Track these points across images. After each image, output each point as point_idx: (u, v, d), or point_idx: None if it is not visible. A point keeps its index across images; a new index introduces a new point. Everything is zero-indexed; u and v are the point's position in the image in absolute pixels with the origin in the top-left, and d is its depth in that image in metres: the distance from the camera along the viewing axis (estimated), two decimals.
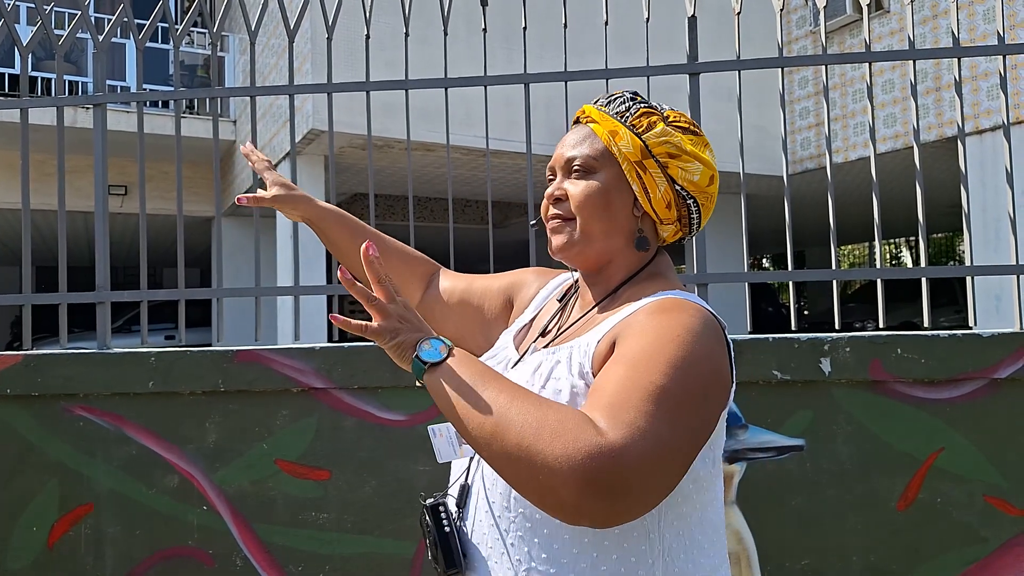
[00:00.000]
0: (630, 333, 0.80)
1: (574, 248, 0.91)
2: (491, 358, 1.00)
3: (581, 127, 0.94)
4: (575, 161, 0.91)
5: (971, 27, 6.82)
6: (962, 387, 1.84)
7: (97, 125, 2.28)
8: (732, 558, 1.85)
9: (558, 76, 2.20)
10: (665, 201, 0.90)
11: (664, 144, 0.89)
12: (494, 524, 0.85)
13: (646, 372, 0.73)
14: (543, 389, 0.83)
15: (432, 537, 0.88)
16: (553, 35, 7.05)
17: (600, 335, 0.84)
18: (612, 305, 0.90)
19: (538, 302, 1.05)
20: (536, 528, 0.82)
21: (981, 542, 1.82)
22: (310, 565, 1.94)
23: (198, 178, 9.51)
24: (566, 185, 0.92)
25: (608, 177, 0.90)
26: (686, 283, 2.11)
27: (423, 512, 0.90)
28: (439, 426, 0.93)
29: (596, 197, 0.89)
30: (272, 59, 7.67)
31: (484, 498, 0.87)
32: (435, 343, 0.78)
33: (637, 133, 0.90)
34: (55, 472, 2.01)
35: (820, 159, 8.13)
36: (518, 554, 0.83)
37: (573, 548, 0.81)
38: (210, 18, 2.39)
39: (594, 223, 0.90)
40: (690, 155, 0.90)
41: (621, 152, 0.89)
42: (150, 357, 1.99)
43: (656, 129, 0.90)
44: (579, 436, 0.66)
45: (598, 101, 0.95)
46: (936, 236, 18.80)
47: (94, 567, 1.98)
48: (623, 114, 0.91)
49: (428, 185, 8.81)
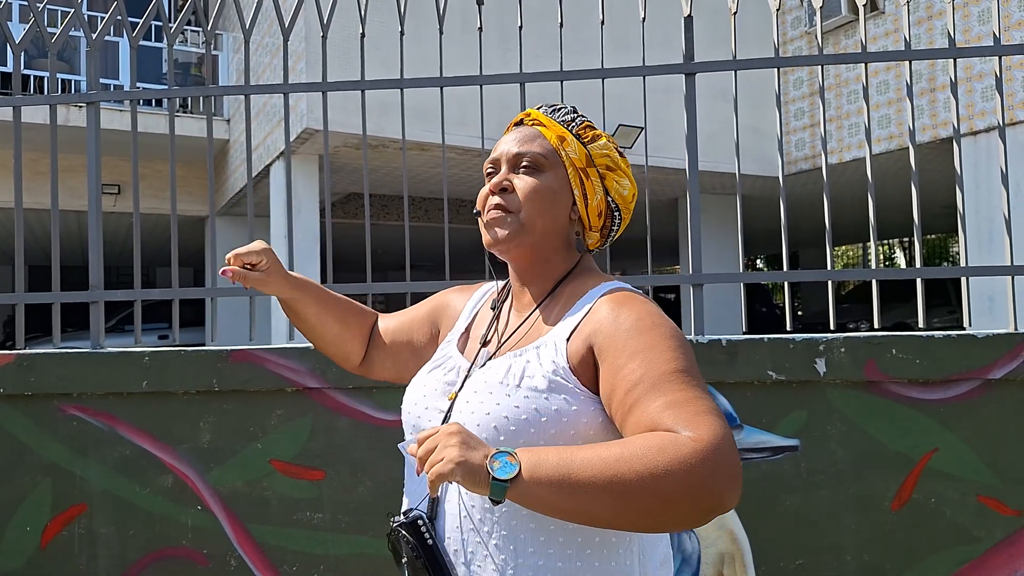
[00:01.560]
0: (609, 334, 0.85)
1: (515, 239, 0.93)
2: (438, 367, 1.01)
3: (528, 128, 0.98)
4: (525, 157, 0.94)
5: (966, 28, 6.85)
6: (956, 387, 1.84)
7: (90, 124, 2.27)
8: (727, 558, 1.85)
9: (554, 76, 2.20)
10: (598, 210, 0.96)
11: (605, 156, 0.96)
12: (474, 529, 0.87)
13: (664, 366, 0.80)
14: (519, 388, 0.86)
15: (415, 553, 0.87)
16: (549, 35, 7.04)
17: (566, 333, 0.89)
18: (556, 302, 0.95)
19: (468, 313, 1.07)
20: (522, 524, 0.85)
21: (975, 542, 1.83)
22: (304, 565, 1.94)
23: (192, 177, 9.47)
24: (513, 178, 0.95)
25: (555, 178, 0.94)
26: (681, 284, 2.11)
27: (399, 532, 0.89)
28: (404, 444, 0.93)
29: (544, 194, 0.93)
30: (266, 58, 7.65)
31: (460, 505, 0.88)
32: (500, 457, 0.75)
33: (583, 142, 0.96)
34: (48, 472, 1.99)
35: (815, 160, 8.16)
36: (503, 553, 0.85)
37: (559, 537, 0.84)
38: (204, 16, 2.38)
39: (538, 218, 0.93)
40: (623, 171, 0.98)
41: (568, 157, 0.95)
42: (144, 357, 1.98)
43: (599, 142, 0.97)
44: (685, 457, 0.72)
45: (542, 108, 1.00)
46: (930, 237, 18.88)
47: (88, 568, 1.97)
48: (569, 123, 0.97)
49: (423, 185, 8.80)
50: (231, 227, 9.87)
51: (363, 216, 9.26)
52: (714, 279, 2.12)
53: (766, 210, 10.38)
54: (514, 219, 0.93)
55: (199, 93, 2.28)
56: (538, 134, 0.96)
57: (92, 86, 2.30)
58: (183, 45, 9.17)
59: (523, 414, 0.85)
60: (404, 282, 2.24)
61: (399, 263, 14.53)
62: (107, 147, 8.16)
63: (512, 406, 0.86)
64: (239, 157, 8.59)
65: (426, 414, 0.95)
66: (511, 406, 0.86)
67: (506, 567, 0.84)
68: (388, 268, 17.08)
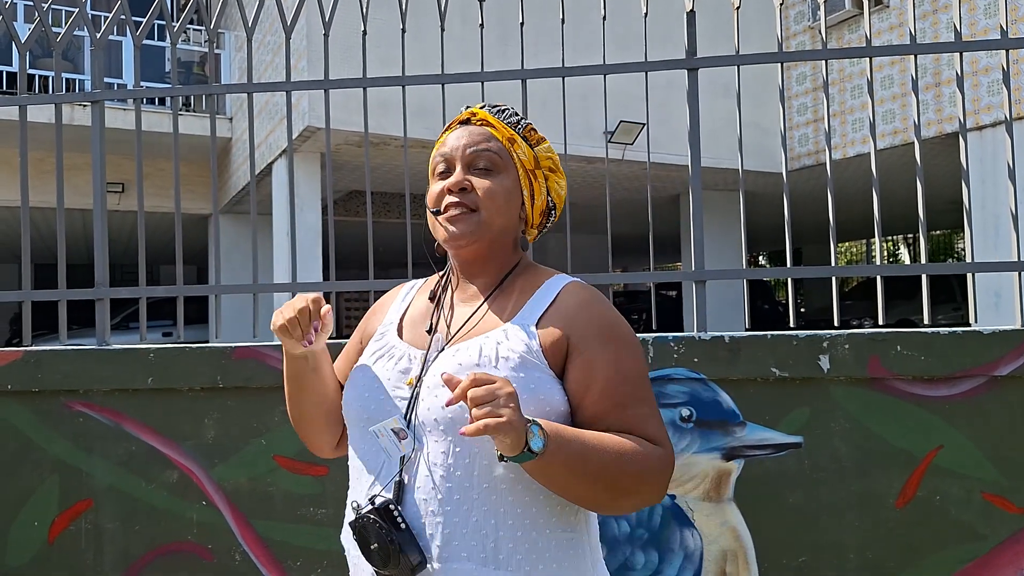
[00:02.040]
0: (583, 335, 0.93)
1: (475, 235, 0.97)
2: (383, 356, 1.00)
3: (477, 127, 1.01)
4: (482, 158, 0.98)
5: (972, 22, 6.82)
6: (961, 384, 1.84)
7: (95, 122, 2.27)
8: (730, 555, 1.85)
9: (555, 72, 2.19)
10: (540, 209, 1.03)
11: (549, 159, 1.03)
12: (452, 509, 0.89)
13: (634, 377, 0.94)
14: (496, 369, 0.91)
15: (389, 538, 0.88)
16: (550, 31, 7.03)
17: (533, 319, 0.95)
18: (508, 293, 0.99)
19: (397, 307, 1.08)
20: (502, 497, 0.89)
21: (980, 540, 1.82)
22: (308, 560, 1.94)
23: (195, 175, 9.49)
24: (471, 179, 0.98)
25: (508, 178, 0.99)
26: (684, 280, 2.11)
27: (368, 518, 0.89)
28: (377, 427, 0.94)
29: (503, 194, 0.98)
30: (268, 56, 7.65)
31: (431, 490, 0.89)
32: (534, 428, 0.83)
33: (530, 144, 1.01)
34: (55, 468, 2.00)
35: (818, 155, 8.13)
36: (483, 527, 0.88)
37: (533, 508, 0.90)
38: (206, 15, 2.39)
39: (497, 217, 0.98)
40: (561, 173, 1.05)
41: (519, 158, 1.00)
42: (149, 353, 1.99)
43: (543, 145, 1.03)
44: (661, 471, 0.90)
45: (484, 107, 1.03)
46: (935, 233, 18.82)
47: (94, 562, 1.98)
48: (515, 124, 1.01)
49: (424, 182, 8.80)
50: (234, 225, 9.89)
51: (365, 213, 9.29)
52: (716, 276, 2.12)
53: (769, 206, 10.36)
54: (476, 217, 0.96)
55: (202, 91, 2.29)
56: (490, 135, 0.99)
57: (96, 85, 2.30)
58: (186, 44, 9.18)
59: None
60: (405, 279, 2.24)
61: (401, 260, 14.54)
62: (111, 146, 8.18)
63: None
64: (242, 155, 8.60)
65: (382, 403, 0.95)
66: None
67: (486, 540, 0.88)
68: (390, 265, 17.10)
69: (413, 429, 0.93)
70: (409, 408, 0.94)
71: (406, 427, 0.93)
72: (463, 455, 0.89)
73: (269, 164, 7.55)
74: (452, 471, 0.89)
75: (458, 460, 0.89)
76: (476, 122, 1.01)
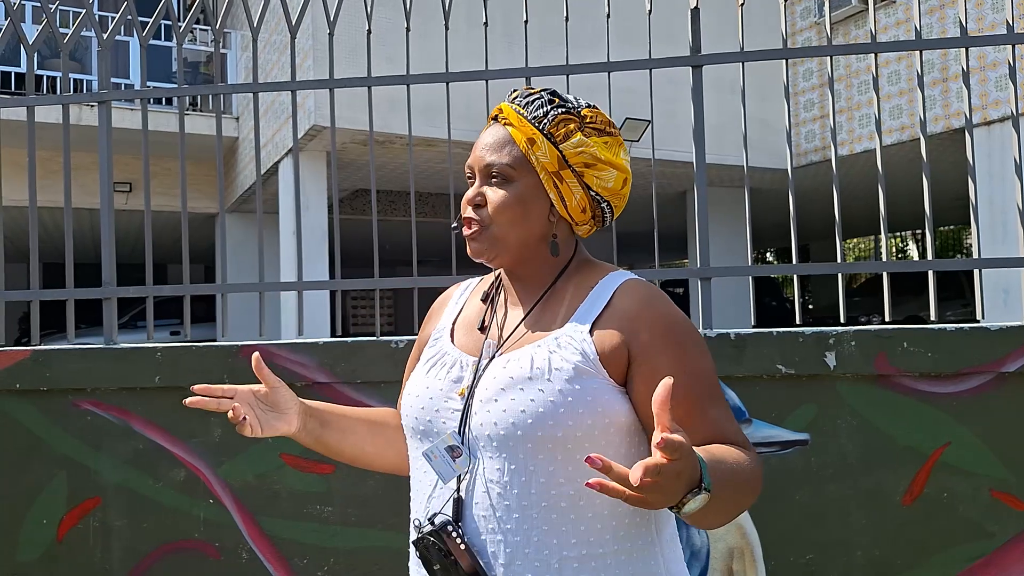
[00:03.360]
0: (648, 339, 0.87)
1: (491, 251, 0.93)
2: (436, 365, 0.97)
3: (499, 128, 0.94)
4: (493, 168, 0.92)
5: (979, 17, 6.77)
6: (969, 381, 1.83)
7: (102, 122, 2.28)
8: (736, 552, 1.85)
9: (560, 70, 2.19)
10: (581, 206, 0.93)
11: (580, 154, 0.91)
12: (512, 528, 0.85)
13: (706, 380, 0.88)
14: (550, 381, 0.86)
15: (449, 560, 0.85)
16: (554, 29, 7.02)
17: (587, 323, 0.89)
18: (560, 296, 0.94)
19: (452, 309, 1.04)
20: (563, 516, 0.85)
21: (988, 537, 1.81)
22: (315, 558, 1.95)
23: (201, 175, 9.52)
24: (486, 191, 0.93)
25: (525, 186, 0.92)
26: (690, 278, 2.11)
27: (428, 539, 0.87)
28: (429, 449, 0.91)
29: (514, 207, 0.91)
30: (274, 56, 7.67)
31: (489, 508, 0.86)
32: (697, 495, 0.73)
33: (555, 142, 0.91)
34: (63, 466, 2.02)
35: (825, 152, 8.09)
36: (546, 548, 0.84)
37: (597, 524, 0.85)
38: (212, 15, 2.39)
39: (510, 230, 0.92)
40: (605, 163, 0.92)
41: (539, 162, 0.91)
42: (156, 352, 2.00)
43: (573, 139, 0.91)
44: (758, 477, 0.85)
45: (515, 99, 0.95)
46: (943, 229, 18.70)
47: (102, 559, 2.00)
48: (541, 120, 0.92)
49: (429, 181, 8.81)
50: (241, 224, 9.93)
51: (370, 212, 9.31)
52: (722, 272, 2.11)
53: (775, 203, 10.31)
54: (487, 233, 0.92)
55: (208, 91, 2.29)
56: (508, 139, 0.92)
57: (104, 85, 2.31)
58: (192, 44, 9.21)
59: (560, 407, 0.84)
60: (411, 277, 2.25)
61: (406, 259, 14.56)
62: (118, 145, 8.18)
63: (547, 400, 0.84)
64: (248, 154, 8.63)
65: (438, 416, 0.92)
66: (546, 400, 0.84)
67: (551, 560, 0.84)
68: (395, 264, 17.12)
69: (468, 444, 0.89)
70: (462, 421, 0.90)
71: (460, 443, 0.89)
72: (519, 473, 0.85)
73: (275, 163, 7.57)
74: (509, 488, 0.85)
75: (514, 478, 0.85)
76: (501, 120, 0.94)
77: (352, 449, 1.05)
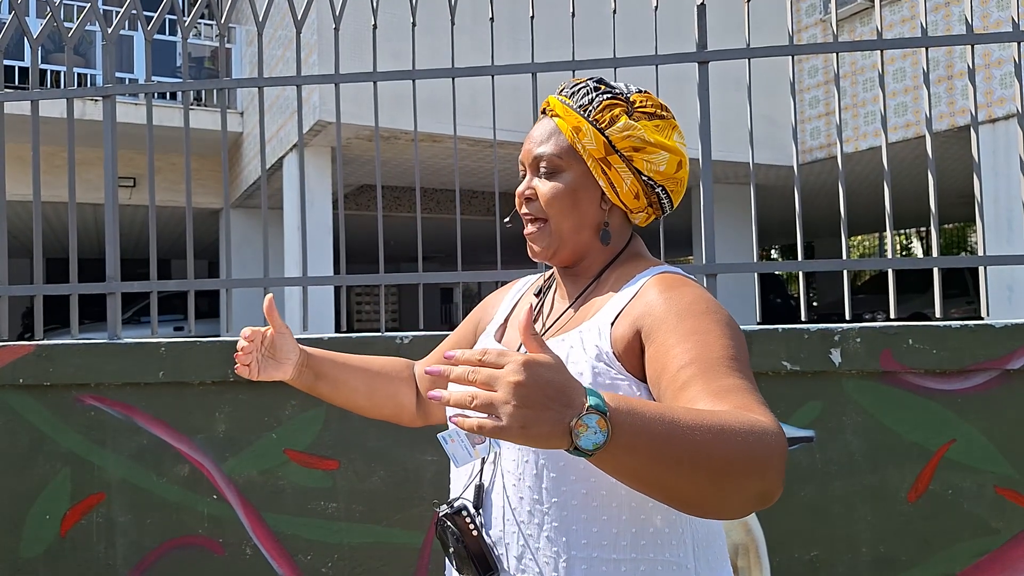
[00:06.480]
0: (659, 316, 0.81)
1: (549, 251, 0.93)
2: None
3: (547, 120, 0.94)
4: (542, 160, 0.92)
5: (984, 14, 6.73)
6: (973, 378, 1.82)
7: (107, 117, 2.28)
8: (741, 549, 1.85)
9: (566, 65, 2.18)
10: (633, 192, 0.91)
11: (628, 138, 0.89)
12: (523, 521, 0.84)
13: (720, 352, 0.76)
14: None
15: (460, 544, 0.86)
16: (560, 24, 7.00)
17: (610, 317, 0.85)
18: (601, 289, 0.92)
19: (507, 304, 1.06)
20: (573, 515, 0.82)
21: (992, 533, 1.81)
22: (319, 554, 1.96)
23: (206, 170, 9.53)
24: (536, 184, 0.93)
25: (574, 175, 0.91)
26: (695, 274, 2.10)
27: (444, 522, 0.88)
28: (447, 432, 0.91)
29: (564, 197, 0.91)
30: (279, 50, 7.66)
31: (505, 498, 0.86)
32: (589, 420, 0.59)
33: (600, 128, 0.89)
34: (67, 461, 2.02)
35: (830, 148, 8.06)
36: (555, 545, 0.82)
37: (612, 528, 0.82)
38: (217, 10, 2.39)
39: (564, 222, 0.91)
40: (656, 145, 0.89)
41: (585, 149, 0.90)
42: (160, 347, 2.00)
43: (619, 124, 0.89)
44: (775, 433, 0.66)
45: (562, 91, 0.94)
46: (947, 226, 18.64)
47: (106, 555, 2.00)
48: (586, 107, 0.90)
49: (434, 176, 8.80)
50: (245, 219, 9.93)
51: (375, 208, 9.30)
52: (728, 269, 2.11)
53: (780, 199, 10.29)
54: (545, 229, 0.92)
55: (213, 86, 2.29)
56: (554, 129, 0.92)
57: (108, 80, 2.31)
58: (197, 39, 9.20)
59: None
60: (416, 273, 2.25)
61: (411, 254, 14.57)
62: (123, 140, 8.22)
63: None
64: (253, 149, 8.63)
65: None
66: None
67: (558, 559, 0.82)
68: (400, 259, 17.13)
69: None
70: None
71: None
72: (531, 465, 0.84)
73: (280, 158, 7.57)
74: (522, 480, 0.84)
75: (526, 469, 0.84)
76: (549, 113, 0.94)
77: (345, 401, 1.10)
